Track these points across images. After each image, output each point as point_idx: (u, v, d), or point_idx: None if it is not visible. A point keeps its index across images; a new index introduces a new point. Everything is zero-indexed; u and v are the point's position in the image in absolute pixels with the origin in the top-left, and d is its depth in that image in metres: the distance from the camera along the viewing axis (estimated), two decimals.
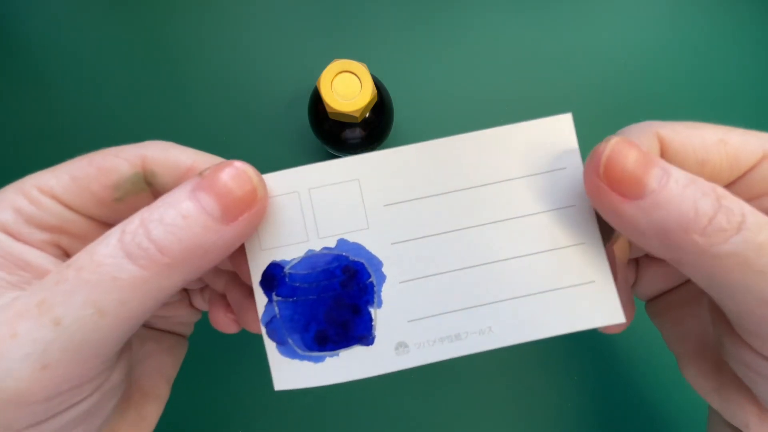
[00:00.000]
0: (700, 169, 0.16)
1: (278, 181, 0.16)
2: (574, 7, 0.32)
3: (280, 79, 0.32)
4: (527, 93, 0.32)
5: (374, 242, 0.16)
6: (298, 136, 0.32)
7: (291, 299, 0.16)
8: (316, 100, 0.27)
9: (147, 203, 0.14)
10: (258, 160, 0.31)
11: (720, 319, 0.16)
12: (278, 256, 0.16)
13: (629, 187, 0.14)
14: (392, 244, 0.16)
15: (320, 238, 0.16)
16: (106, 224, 0.16)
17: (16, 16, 0.32)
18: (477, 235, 0.16)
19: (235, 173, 0.14)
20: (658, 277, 0.20)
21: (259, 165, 0.33)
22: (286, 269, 0.16)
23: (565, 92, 0.32)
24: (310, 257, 0.16)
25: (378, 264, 0.16)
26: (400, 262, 0.16)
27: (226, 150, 0.31)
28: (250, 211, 0.14)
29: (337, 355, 0.16)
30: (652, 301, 0.21)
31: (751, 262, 0.13)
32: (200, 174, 0.14)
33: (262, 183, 0.15)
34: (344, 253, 0.16)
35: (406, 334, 0.16)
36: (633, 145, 0.14)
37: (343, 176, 0.16)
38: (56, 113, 0.32)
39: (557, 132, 0.16)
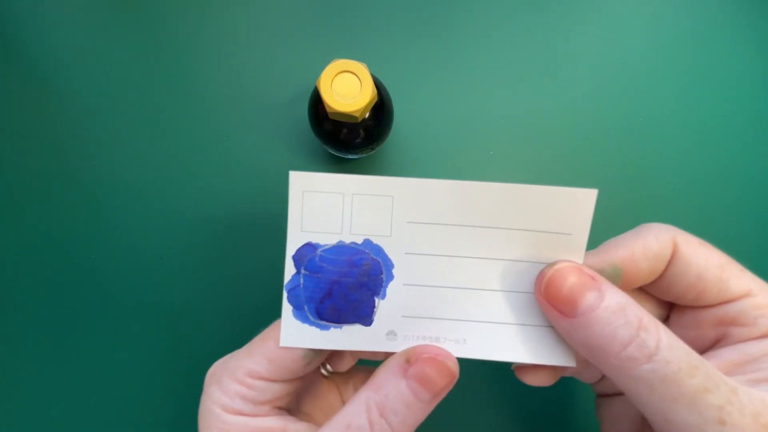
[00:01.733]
0: (696, 281, 0.19)
1: (331, 181, 0.19)
2: (580, 16, 0.32)
3: (280, 79, 0.32)
4: (528, 95, 0.32)
5: (392, 248, 0.19)
6: (298, 136, 0.32)
7: (316, 275, 0.19)
8: (316, 100, 0.27)
9: (325, 357, 0.21)
10: (258, 160, 0.31)
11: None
12: (314, 239, 0.19)
13: (564, 307, 0.17)
14: (406, 253, 0.19)
15: (351, 234, 0.19)
16: (299, 379, 0.20)
17: (16, 16, 0.32)
18: (476, 266, 0.19)
19: (439, 367, 0.18)
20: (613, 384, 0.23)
21: (260, 165, 0.33)
22: (319, 251, 0.19)
23: (566, 94, 0.32)
24: (340, 246, 0.19)
25: (390, 265, 0.19)
26: (408, 269, 0.19)
27: (226, 149, 0.31)
28: (448, 388, 0.18)
29: (340, 327, 0.19)
30: (603, 397, 0.24)
31: (655, 388, 0.15)
32: (407, 360, 0.18)
33: (456, 364, 0.18)
34: (367, 251, 0.19)
35: (398, 325, 0.19)
36: (573, 272, 0.17)
37: (382, 191, 0.19)
38: (56, 114, 0.32)
39: (578, 202, 0.18)
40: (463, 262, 0.19)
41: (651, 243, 0.19)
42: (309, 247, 0.19)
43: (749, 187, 0.31)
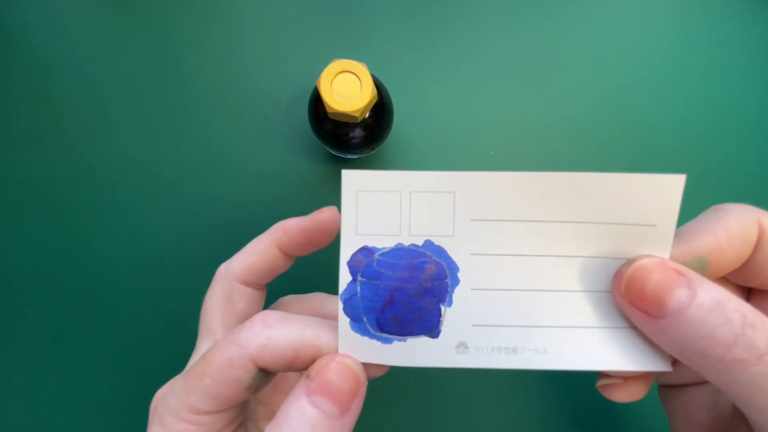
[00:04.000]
0: None
1: (387, 179, 0.17)
2: (580, 17, 0.32)
3: (280, 79, 0.32)
4: (528, 95, 0.32)
5: (455, 249, 0.17)
6: (298, 136, 0.32)
7: (374, 282, 0.17)
8: (316, 100, 0.27)
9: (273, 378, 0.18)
10: (258, 160, 0.31)
11: (740, 415, 0.17)
12: (370, 243, 0.17)
13: (650, 307, 0.15)
14: (471, 254, 0.17)
15: (411, 236, 0.17)
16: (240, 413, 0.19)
17: (16, 16, 0.32)
18: (549, 265, 0.17)
19: (340, 369, 0.16)
20: (686, 374, 0.21)
21: (260, 165, 0.33)
22: (376, 255, 0.17)
23: (566, 94, 0.32)
24: (399, 249, 0.17)
25: (455, 269, 0.17)
26: (474, 272, 0.17)
27: (226, 149, 0.31)
28: (359, 397, 0.16)
29: (404, 340, 0.17)
30: (671, 388, 0.21)
31: (766, 391, 0.14)
32: (307, 376, 0.16)
33: (361, 366, 0.17)
34: (428, 253, 0.17)
35: (469, 336, 0.17)
36: (656, 267, 0.15)
37: (442, 187, 0.17)
38: (56, 114, 0.32)
39: (663, 190, 0.16)
40: (534, 262, 0.17)
41: (735, 228, 0.16)
42: (365, 252, 0.17)
43: (750, 186, 0.31)
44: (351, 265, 0.17)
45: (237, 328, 0.17)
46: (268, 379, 0.18)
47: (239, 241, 0.31)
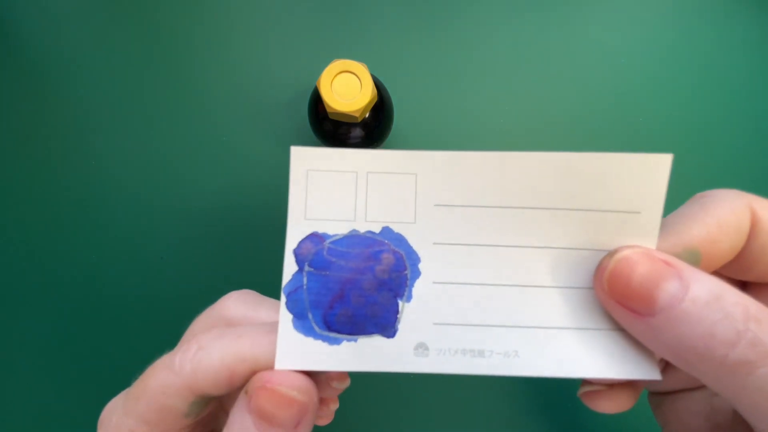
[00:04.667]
0: None
1: (341, 157, 0.15)
2: (580, 15, 0.32)
3: (280, 79, 0.32)
4: (529, 94, 0.32)
5: (417, 238, 0.16)
6: (298, 136, 0.32)
7: (323, 273, 0.15)
8: (316, 100, 0.27)
9: (220, 403, 0.17)
10: (258, 160, 0.31)
11: (741, 420, 0.15)
12: (320, 228, 0.16)
13: (637, 304, 0.13)
14: (434, 243, 0.16)
15: (367, 222, 0.16)
16: (198, 425, 0.17)
17: (16, 16, 0.32)
18: (521, 257, 0.15)
19: (273, 399, 0.14)
20: (679, 379, 0.19)
21: (259, 165, 0.33)
22: (327, 243, 0.16)
23: (567, 92, 0.32)
24: (353, 237, 0.16)
25: (416, 259, 0.16)
26: (437, 263, 0.16)
27: (227, 149, 0.31)
28: (307, 415, 0.14)
29: (355, 340, 0.15)
30: (663, 395, 0.20)
31: None
32: (245, 392, 0.15)
33: (304, 383, 0.15)
34: (386, 241, 0.16)
35: (429, 336, 0.15)
36: (642, 258, 0.14)
37: (402, 168, 0.15)
38: (56, 114, 0.32)
39: (647, 172, 0.15)
40: (505, 253, 0.15)
41: (726, 216, 0.15)
42: (314, 239, 0.15)
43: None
44: (297, 253, 0.15)
45: (178, 348, 0.16)
46: (212, 404, 0.16)
47: (239, 242, 0.31)
